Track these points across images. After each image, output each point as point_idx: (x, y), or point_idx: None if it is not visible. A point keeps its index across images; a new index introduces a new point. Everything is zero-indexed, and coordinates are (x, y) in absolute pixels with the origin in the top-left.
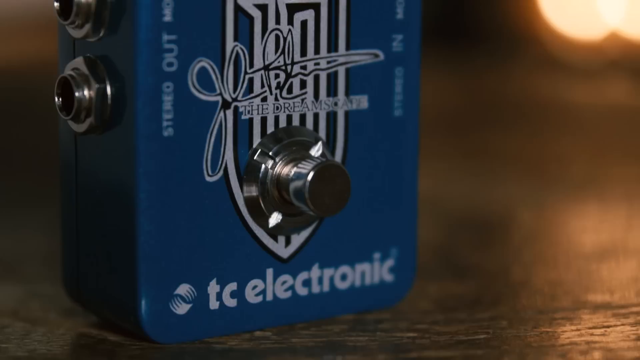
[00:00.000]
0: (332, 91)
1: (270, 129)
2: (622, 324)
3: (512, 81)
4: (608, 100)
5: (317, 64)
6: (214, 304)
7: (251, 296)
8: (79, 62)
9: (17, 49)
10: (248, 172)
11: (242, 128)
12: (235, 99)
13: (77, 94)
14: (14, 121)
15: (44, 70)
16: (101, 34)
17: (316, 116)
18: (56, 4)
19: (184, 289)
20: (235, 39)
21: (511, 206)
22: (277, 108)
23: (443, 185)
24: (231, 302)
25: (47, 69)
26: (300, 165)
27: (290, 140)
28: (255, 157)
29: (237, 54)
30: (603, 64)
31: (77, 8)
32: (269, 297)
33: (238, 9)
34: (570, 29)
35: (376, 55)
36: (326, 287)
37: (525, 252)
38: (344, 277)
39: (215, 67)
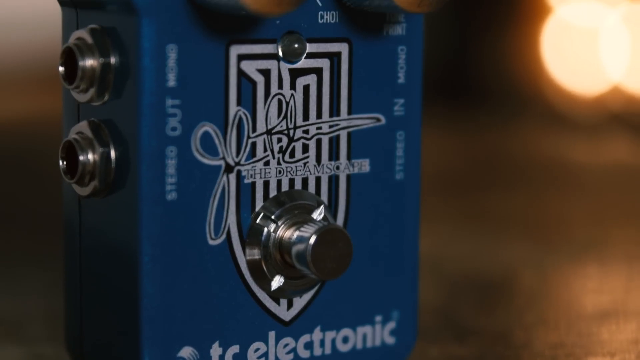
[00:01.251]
0: (334, 155)
1: (272, 192)
2: None
3: (514, 140)
4: (609, 159)
5: (320, 128)
6: None
7: (253, 359)
8: (83, 125)
9: (20, 107)
10: (251, 235)
11: (245, 192)
12: (238, 163)
13: (81, 157)
14: (18, 182)
15: (49, 131)
16: (105, 98)
17: (318, 180)
18: (61, 69)
19: (187, 352)
20: (238, 103)
21: (512, 267)
22: (280, 172)
23: (444, 246)
24: None
25: (51, 128)
26: (302, 228)
27: (292, 204)
28: (257, 221)
29: (240, 119)
30: (605, 118)
31: (82, 73)
32: None
33: (241, 73)
34: (574, 83)
35: (378, 120)
36: (328, 350)
37: (526, 313)
38: (345, 339)
39: (218, 131)
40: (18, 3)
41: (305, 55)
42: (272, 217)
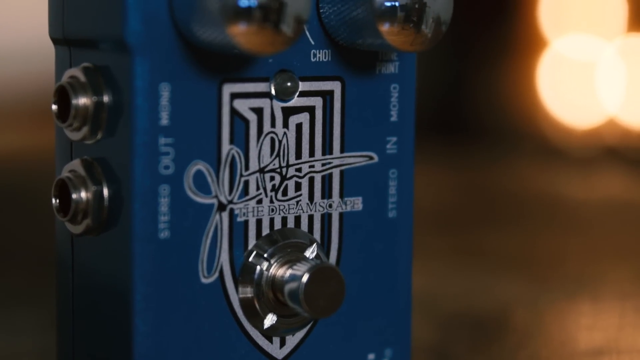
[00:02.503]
0: (326, 193)
1: (265, 230)
2: None
3: (509, 175)
4: (604, 194)
5: (312, 166)
6: None
7: None
8: (76, 164)
9: (12, 141)
10: (243, 273)
11: (238, 230)
12: (230, 202)
13: (74, 195)
14: (11, 218)
15: (42, 166)
16: (98, 137)
17: (311, 218)
18: (54, 107)
19: None
20: (231, 142)
21: (506, 305)
22: (272, 210)
23: (438, 283)
24: None
25: (45, 163)
26: (295, 267)
27: (285, 242)
28: (250, 259)
29: (233, 157)
30: (601, 151)
31: (75, 111)
32: None
33: (234, 112)
34: (570, 117)
35: (370, 158)
36: None
37: (520, 351)
38: None
39: (211, 170)
40: (11, 36)
41: (297, 93)
42: (265, 255)
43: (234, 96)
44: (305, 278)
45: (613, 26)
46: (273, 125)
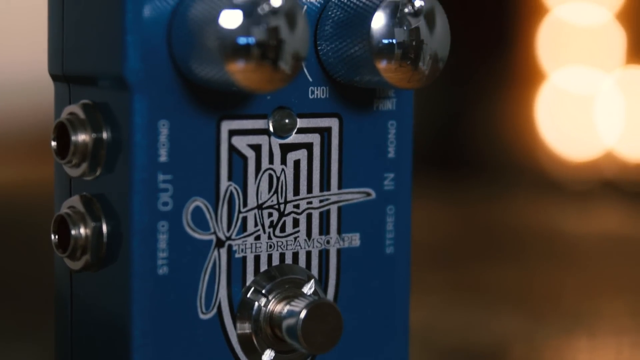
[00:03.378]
0: (324, 229)
1: (263, 267)
2: None
3: (507, 210)
4: (601, 229)
5: (310, 202)
6: None
7: None
8: (75, 200)
9: (11, 175)
10: (241, 309)
11: (236, 266)
12: (229, 238)
13: (73, 232)
14: (9, 253)
15: (41, 200)
16: (97, 173)
17: (309, 254)
18: (53, 143)
19: None
20: (230, 178)
21: (503, 340)
22: (270, 246)
23: (435, 318)
24: None
25: (43, 198)
26: (293, 303)
27: (283, 278)
28: (248, 295)
29: (231, 194)
30: (598, 184)
31: (74, 147)
32: None
33: (232, 149)
34: (568, 150)
35: (368, 194)
36: None
37: None
38: None
39: (209, 206)
40: (10, 71)
41: (295, 130)
42: (263, 291)
43: (233, 133)
44: (303, 314)
45: (611, 58)
46: (271, 161)
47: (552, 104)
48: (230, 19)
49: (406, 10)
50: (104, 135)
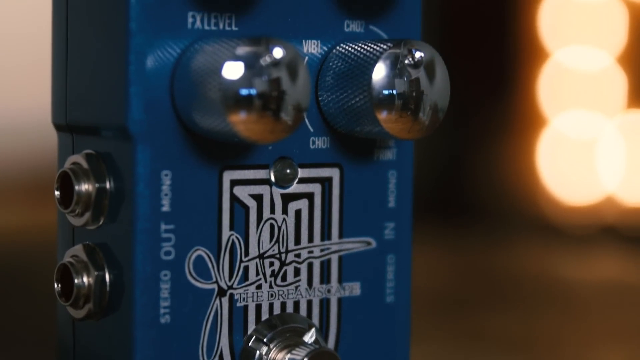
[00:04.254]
0: (325, 278)
1: (264, 315)
2: None
3: (507, 256)
4: (602, 275)
5: (311, 252)
6: None
7: None
8: (78, 249)
9: (15, 220)
10: (243, 358)
11: (237, 315)
12: (230, 287)
13: (76, 280)
14: (12, 301)
15: (43, 247)
16: (100, 222)
17: (309, 303)
18: (57, 193)
19: None
20: (231, 228)
21: None
22: (272, 295)
23: None
24: None
25: (47, 244)
26: (294, 351)
27: (284, 327)
28: (250, 344)
29: (233, 243)
30: (599, 230)
31: (78, 197)
32: None
33: (234, 199)
34: (569, 195)
35: (368, 243)
36: None
37: None
38: None
39: (211, 255)
40: (14, 116)
41: (297, 180)
42: (264, 340)
43: (234, 183)
44: None
45: (613, 103)
46: (272, 211)
47: (553, 148)
48: (233, 70)
49: (406, 61)
50: (107, 185)
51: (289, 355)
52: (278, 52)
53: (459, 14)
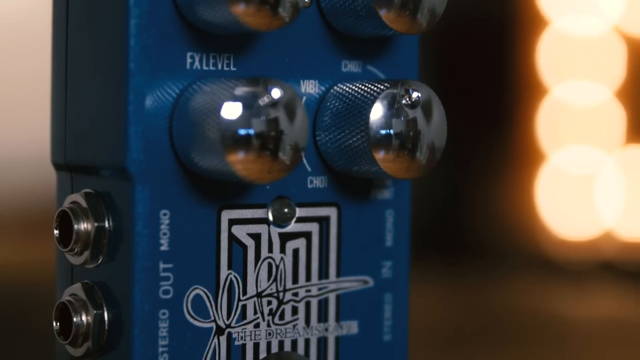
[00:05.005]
0: (322, 317)
1: (262, 354)
2: None
3: (505, 293)
4: (600, 312)
5: (309, 290)
6: None
7: None
8: (76, 288)
9: (14, 256)
10: None
11: (235, 354)
12: (228, 326)
13: (75, 319)
14: (10, 339)
15: (42, 284)
16: (99, 261)
17: (307, 341)
18: (56, 232)
19: None
20: (229, 267)
21: None
22: (270, 334)
23: None
24: None
25: (45, 281)
26: None
27: None
28: None
29: (231, 282)
30: (598, 265)
31: (77, 236)
32: None
33: (232, 238)
34: (568, 231)
35: (366, 282)
36: None
37: None
38: None
39: (209, 294)
40: (10, 150)
41: (295, 219)
42: None
43: (233, 222)
44: None
45: (611, 138)
46: (270, 250)
47: (551, 184)
48: (231, 110)
49: (403, 101)
50: (106, 224)
51: None
52: (276, 93)
53: (457, 51)
